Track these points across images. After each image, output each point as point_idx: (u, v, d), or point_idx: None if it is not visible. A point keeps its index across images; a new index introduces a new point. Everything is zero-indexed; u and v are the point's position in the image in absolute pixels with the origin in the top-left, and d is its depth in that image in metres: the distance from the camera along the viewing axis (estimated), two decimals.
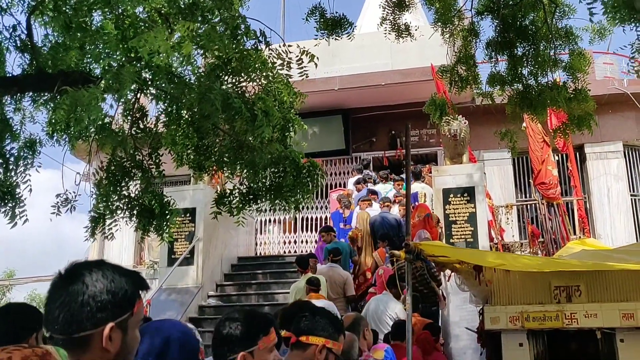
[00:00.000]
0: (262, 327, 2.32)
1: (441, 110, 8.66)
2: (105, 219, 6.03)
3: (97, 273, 1.57)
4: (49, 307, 1.54)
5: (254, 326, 2.30)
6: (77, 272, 1.57)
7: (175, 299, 11.07)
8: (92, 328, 1.51)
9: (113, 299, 1.55)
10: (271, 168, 6.17)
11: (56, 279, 1.57)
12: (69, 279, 1.56)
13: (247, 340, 2.26)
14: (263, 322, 2.35)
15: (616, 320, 6.73)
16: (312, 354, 2.59)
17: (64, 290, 1.53)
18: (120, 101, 5.12)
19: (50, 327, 1.52)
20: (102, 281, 1.56)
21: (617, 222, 13.29)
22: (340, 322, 2.83)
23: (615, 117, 13.60)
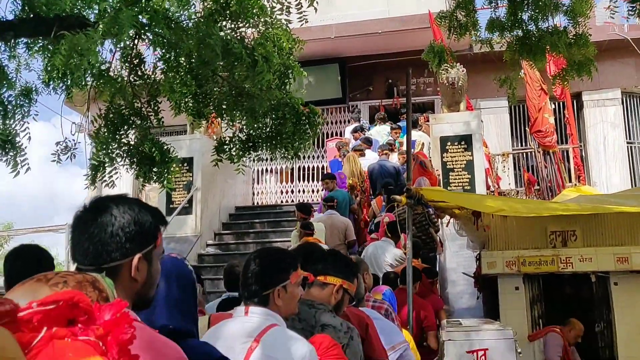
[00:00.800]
0: (292, 262, 2.44)
1: (440, 57, 8.58)
2: (105, 167, 6.03)
3: (123, 205, 1.60)
4: (76, 239, 1.56)
5: (285, 262, 2.43)
6: (104, 204, 1.59)
7: (174, 248, 11.16)
8: (121, 258, 1.55)
9: (140, 230, 1.58)
10: (271, 115, 6.15)
11: (82, 212, 1.59)
12: (97, 211, 1.58)
13: (280, 274, 2.38)
14: (291, 258, 2.49)
15: (611, 264, 6.86)
16: (330, 293, 2.73)
17: (93, 222, 1.56)
18: (119, 47, 5.05)
19: (80, 259, 1.55)
20: (130, 213, 1.59)
21: (613, 170, 13.37)
22: (355, 266, 2.91)
23: (614, 64, 13.51)
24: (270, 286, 2.37)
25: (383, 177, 9.93)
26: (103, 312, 1.15)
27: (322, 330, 2.62)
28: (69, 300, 1.10)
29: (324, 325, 2.64)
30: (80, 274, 1.25)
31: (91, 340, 1.08)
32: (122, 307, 1.16)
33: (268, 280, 2.37)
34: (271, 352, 2.21)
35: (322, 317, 2.67)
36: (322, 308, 2.69)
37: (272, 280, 2.37)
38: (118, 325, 1.13)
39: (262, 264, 2.39)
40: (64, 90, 6.16)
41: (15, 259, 2.50)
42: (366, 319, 3.19)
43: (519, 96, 11.58)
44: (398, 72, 14.07)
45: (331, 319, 2.67)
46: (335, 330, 2.63)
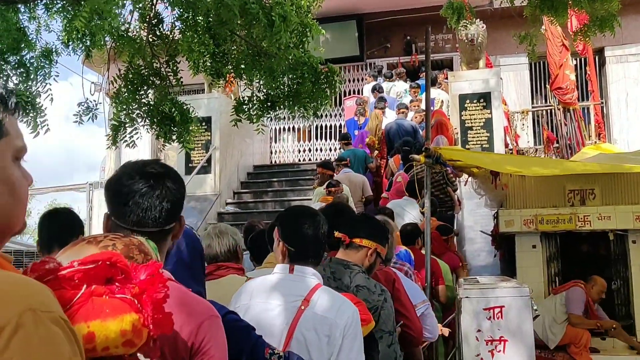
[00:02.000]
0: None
1: (459, 14, 8.44)
2: (126, 127, 6.09)
3: (173, 173, 1.72)
4: (137, 201, 1.62)
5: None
6: (159, 169, 1.69)
7: (194, 207, 11.33)
8: (176, 220, 1.69)
9: (184, 197, 1.74)
10: (289, 74, 6.13)
11: (144, 175, 1.66)
12: (159, 176, 1.67)
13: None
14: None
15: (629, 222, 6.87)
16: (364, 255, 2.82)
17: (159, 187, 1.65)
18: (137, 7, 5.05)
19: (145, 220, 1.63)
20: (178, 181, 1.72)
21: (635, 127, 13.19)
22: (387, 230, 2.96)
23: (638, 18, 13.19)
24: (322, 250, 2.48)
25: (400, 135, 9.92)
26: (139, 272, 1.21)
27: (357, 291, 2.69)
28: (108, 260, 1.16)
29: (358, 286, 2.72)
30: (127, 237, 1.31)
31: (127, 298, 1.14)
32: (157, 268, 1.22)
33: (320, 244, 2.46)
34: (322, 312, 2.27)
35: (357, 279, 2.75)
36: (357, 269, 2.77)
37: (324, 244, 2.49)
38: (152, 285, 1.19)
39: (315, 226, 2.43)
40: (83, 51, 6.19)
41: (50, 222, 2.59)
42: (393, 274, 3.28)
43: (540, 52, 11.39)
44: (416, 28, 13.87)
45: (365, 281, 2.75)
46: (369, 292, 2.72)
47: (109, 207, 1.65)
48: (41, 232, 2.58)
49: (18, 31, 5.72)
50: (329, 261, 2.78)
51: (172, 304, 1.31)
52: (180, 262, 1.97)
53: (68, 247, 1.26)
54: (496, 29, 12.32)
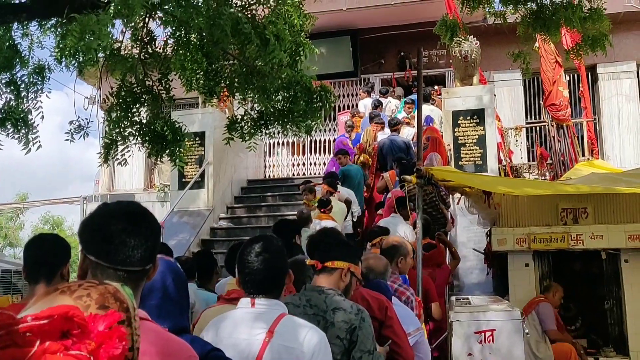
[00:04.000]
0: None
1: (452, 31, 8.47)
2: (118, 145, 6.08)
3: (150, 212, 1.71)
4: (124, 240, 1.60)
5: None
6: (142, 209, 1.70)
7: (187, 222, 11.30)
8: (154, 260, 1.68)
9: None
10: (282, 93, 6.14)
11: (127, 215, 1.64)
12: (142, 215, 1.67)
13: (286, 268, 2.52)
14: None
15: (622, 241, 6.86)
16: (339, 277, 2.79)
17: (143, 226, 1.64)
18: (130, 26, 5.05)
19: (131, 259, 1.60)
20: (156, 220, 1.72)
21: (627, 144, 13.26)
22: (358, 249, 2.95)
23: (629, 36, 13.29)
24: (281, 280, 2.45)
25: (393, 152, 9.92)
26: (97, 323, 1.17)
27: (334, 314, 2.68)
28: (63, 314, 1.12)
29: (335, 309, 2.70)
30: (102, 284, 1.28)
31: (82, 355, 1.10)
32: (115, 319, 1.18)
33: (280, 275, 2.45)
34: (287, 342, 2.26)
35: (332, 302, 2.72)
36: (331, 293, 2.75)
37: (282, 274, 2.46)
38: (110, 339, 1.15)
39: (270, 259, 2.42)
40: (76, 68, 6.18)
41: (35, 249, 2.56)
42: (385, 302, 3.24)
43: (533, 69, 11.42)
44: (410, 44, 13.93)
45: (341, 303, 2.72)
46: (345, 312, 2.69)
47: (88, 246, 1.61)
48: (26, 259, 2.55)
49: (10, 49, 5.71)
50: (304, 289, 2.77)
51: (146, 348, 1.29)
52: (166, 297, 1.95)
53: (40, 296, 1.23)
54: (490, 44, 12.39)
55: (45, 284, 2.45)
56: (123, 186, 15.51)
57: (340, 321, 2.64)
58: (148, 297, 1.92)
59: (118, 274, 1.56)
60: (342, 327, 2.63)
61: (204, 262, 5.20)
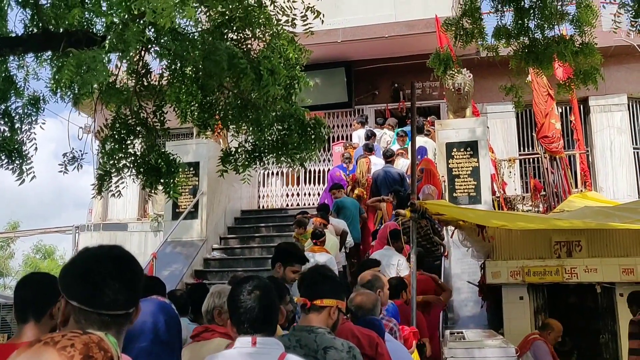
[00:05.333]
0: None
1: (445, 64, 8.56)
2: (112, 177, 6.07)
3: (133, 255, 1.70)
4: (108, 283, 1.58)
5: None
6: (125, 252, 1.68)
7: (180, 252, 11.23)
8: (138, 303, 1.66)
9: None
10: (276, 126, 6.16)
11: (110, 259, 1.64)
12: (125, 259, 1.66)
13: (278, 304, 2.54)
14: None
15: (616, 274, 6.85)
16: (327, 315, 2.78)
17: (127, 270, 1.63)
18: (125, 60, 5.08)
19: (116, 303, 1.58)
20: (139, 263, 1.71)
21: (619, 175, 13.32)
22: (343, 284, 2.94)
23: (620, 69, 13.46)
24: (276, 316, 2.45)
25: (388, 183, 9.94)
26: None
27: (325, 353, 2.65)
28: None
29: (326, 348, 2.68)
30: (86, 334, 1.27)
31: None
32: None
33: (275, 311, 2.45)
34: None
35: (323, 340, 2.71)
36: (320, 331, 2.73)
37: (276, 311, 2.46)
38: None
39: (264, 296, 2.41)
40: (71, 99, 6.21)
41: (24, 289, 2.53)
42: (376, 338, 3.22)
43: (526, 101, 11.53)
44: (404, 76, 14.06)
45: (332, 341, 2.71)
46: (337, 351, 2.67)
47: (70, 292, 1.59)
48: (15, 299, 2.51)
49: (6, 80, 5.73)
50: (293, 329, 2.75)
51: None
52: (157, 339, 1.94)
53: (23, 349, 1.22)
54: (483, 77, 12.51)
55: (34, 323, 2.42)
56: (116, 216, 15.45)
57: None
58: (138, 339, 1.91)
59: (102, 319, 1.55)
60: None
61: (197, 295, 5.15)
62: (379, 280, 4.59)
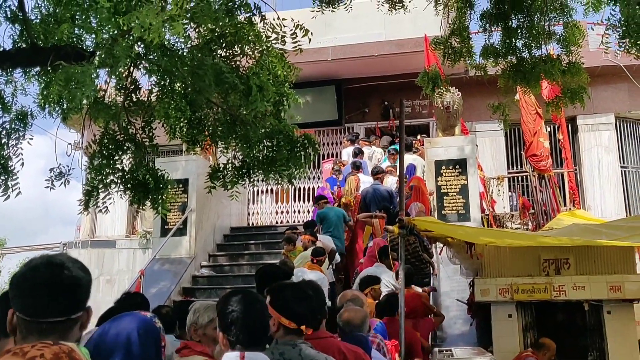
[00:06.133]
0: None
1: (434, 82, 8.64)
2: (99, 192, 6.03)
3: (75, 263, 1.71)
4: (46, 291, 1.60)
5: None
6: (62, 259, 1.70)
7: (168, 269, 11.16)
8: (83, 309, 1.67)
9: (89, 286, 1.72)
10: (265, 142, 6.17)
11: (45, 266, 1.65)
12: (62, 266, 1.66)
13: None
14: None
15: (604, 292, 6.86)
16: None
17: (63, 276, 1.63)
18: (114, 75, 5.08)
19: (51, 310, 1.60)
20: (82, 270, 1.72)
21: (607, 194, 13.42)
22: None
23: (607, 89, 13.62)
24: (268, 330, 2.47)
25: (376, 200, 9.95)
26: None
27: None
28: None
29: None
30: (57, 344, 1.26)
31: None
32: None
33: (267, 325, 2.48)
34: None
35: (307, 355, 2.71)
36: (303, 346, 2.74)
37: (268, 325, 2.48)
38: None
39: (259, 310, 2.42)
40: (60, 114, 6.19)
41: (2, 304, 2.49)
42: (362, 355, 3.20)
43: (514, 119, 11.65)
44: (394, 94, 14.16)
45: (316, 356, 2.72)
46: None
47: (14, 303, 1.62)
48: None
49: None
50: (275, 343, 2.73)
51: None
52: (129, 355, 1.91)
53: None
54: (472, 95, 12.61)
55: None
56: (105, 232, 15.35)
57: None
58: (112, 354, 1.89)
59: (40, 327, 1.56)
60: None
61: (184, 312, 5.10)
62: (359, 299, 4.58)
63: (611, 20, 5.63)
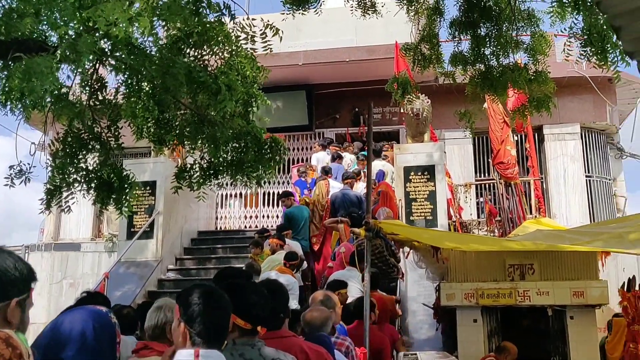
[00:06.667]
0: None
1: (404, 88, 8.69)
2: (62, 192, 5.91)
3: (3, 252, 1.68)
4: None
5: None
6: None
7: (134, 273, 10.98)
8: (1, 300, 1.62)
9: (20, 277, 1.68)
10: (233, 143, 6.12)
11: None
12: None
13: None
14: None
15: (567, 297, 6.97)
16: None
17: None
18: (78, 72, 4.98)
19: None
20: (11, 259, 1.67)
21: (572, 202, 13.64)
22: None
23: (573, 100, 13.88)
24: (228, 328, 2.40)
25: (345, 205, 9.95)
26: None
27: None
28: None
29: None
30: None
31: None
32: None
33: (228, 323, 2.39)
34: None
35: (267, 354, 2.70)
36: (259, 344, 2.71)
37: (229, 324, 2.40)
38: None
39: (225, 307, 2.36)
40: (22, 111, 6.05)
41: None
42: (325, 354, 3.18)
43: (482, 128, 11.80)
44: (365, 100, 14.17)
45: (276, 354, 2.72)
46: None
47: None
48: None
49: None
50: (233, 344, 2.68)
51: None
52: (84, 348, 1.86)
53: None
54: (441, 103, 12.71)
55: None
56: (69, 235, 15.06)
57: None
58: (65, 349, 1.83)
59: None
60: None
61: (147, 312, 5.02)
62: (331, 300, 4.55)
63: (573, 29, 5.73)
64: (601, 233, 6.12)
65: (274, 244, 8.92)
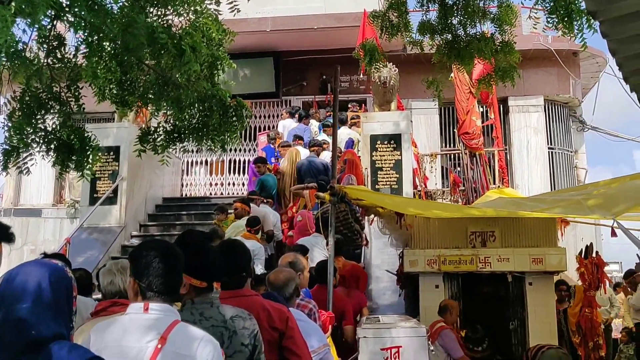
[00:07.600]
0: None
1: (371, 55, 8.64)
2: (20, 153, 5.75)
3: None
4: None
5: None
6: None
7: (97, 239, 10.85)
8: None
9: None
10: (197, 106, 6.02)
11: None
12: None
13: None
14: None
15: (526, 264, 7.13)
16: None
17: None
18: (34, 27, 4.80)
19: None
20: None
21: (534, 174, 13.89)
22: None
23: (538, 72, 14.03)
24: (180, 284, 2.41)
25: (312, 173, 9.95)
26: None
27: (233, 322, 2.68)
28: None
29: (233, 317, 2.71)
30: None
31: None
32: None
33: (180, 278, 2.40)
34: (180, 350, 2.17)
35: (227, 311, 2.72)
36: (217, 303, 2.73)
37: (181, 279, 2.41)
38: None
39: (175, 262, 2.35)
40: None
41: None
42: (286, 312, 3.20)
43: (449, 98, 11.87)
44: (332, 68, 14.03)
45: (234, 310, 2.74)
46: (243, 319, 2.72)
47: None
48: None
49: None
50: (192, 303, 2.69)
51: None
52: (39, 302, 1.82)
53: None
54: (409, 73, 12.72)
55: None
56: (29, 201, 14.76)
57: (242, 328, 2.66)
58: (20, 300, 1.79)
59: None
60: (245, 333, 2.65)
61: None
62: (300, 263, 4.56)
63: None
64: (560, 200, 6.24)
65: (239, 208, 8.89)
